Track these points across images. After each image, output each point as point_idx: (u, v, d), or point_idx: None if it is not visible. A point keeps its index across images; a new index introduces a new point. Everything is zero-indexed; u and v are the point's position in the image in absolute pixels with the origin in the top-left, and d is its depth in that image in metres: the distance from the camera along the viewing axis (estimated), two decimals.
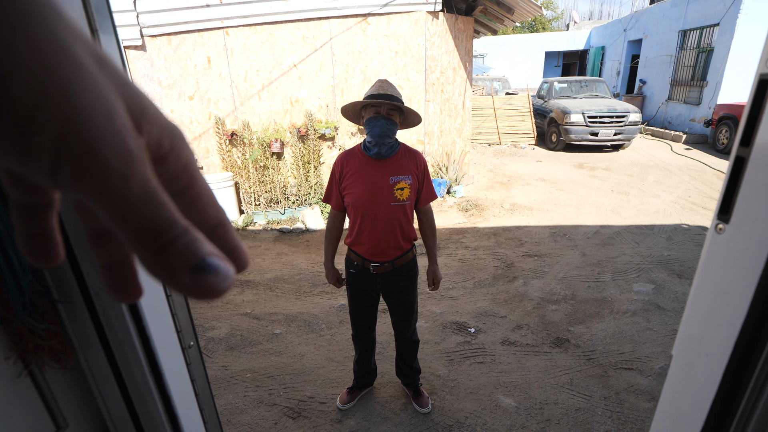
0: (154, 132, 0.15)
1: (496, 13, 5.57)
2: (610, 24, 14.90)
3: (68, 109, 0.12)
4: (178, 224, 0.14)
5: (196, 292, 0.14)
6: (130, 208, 0.13)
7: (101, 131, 0.13)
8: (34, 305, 0.51)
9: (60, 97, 0.12)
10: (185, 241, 0.14)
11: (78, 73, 0.13)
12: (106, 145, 0.13)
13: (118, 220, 0.13)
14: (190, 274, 0.14)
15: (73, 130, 0.12)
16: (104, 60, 0.14)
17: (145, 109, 0.15)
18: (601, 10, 27.97)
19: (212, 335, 2.78)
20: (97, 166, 0.13)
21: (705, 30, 9.38)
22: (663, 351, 2.48)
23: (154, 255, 0.14)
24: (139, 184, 0.13)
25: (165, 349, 0.66)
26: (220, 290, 0.14)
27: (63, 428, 0.60)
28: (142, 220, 0.13)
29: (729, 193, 0.57)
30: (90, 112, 0.13)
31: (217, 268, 0.14)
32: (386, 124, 1.63)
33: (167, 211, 0.14)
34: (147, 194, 0.14)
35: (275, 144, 4.76)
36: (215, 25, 4.46)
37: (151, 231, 0.14)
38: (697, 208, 4.96)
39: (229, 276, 0.15)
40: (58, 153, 0.12)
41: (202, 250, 0.14)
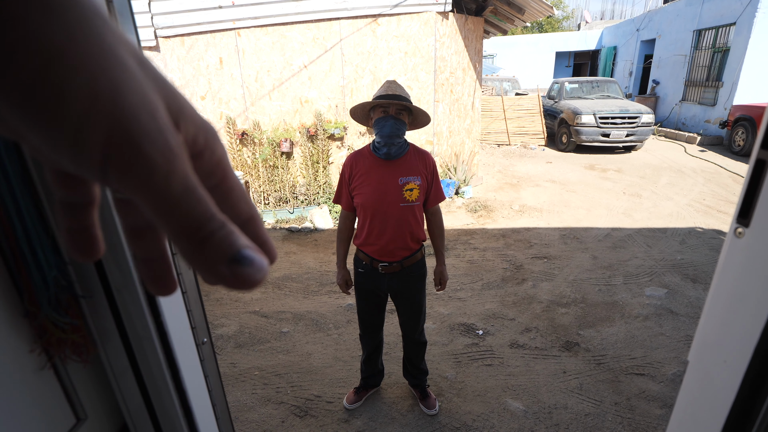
0: (191, 129, 0.16)
1: (507, 14, 5.53)
2: (622, 24, 14.69)
3: (116, 109, 0.13)
4: (216, 218, 0.15)
5: (233, 282, 0.15)
6: (172, 203, 0.14)
7: (146, 130, 0.14)
8: (59, 300, 0.52)
9: (109, 98, 0.13)
10: (223, 234, 0.15)
11: (124, 76, 0.14)
12: (150, 143, 0.14)
13: (160, 214, 0.14)
14: (227, 265, 0.14)
15: (121, 129, 0.13)
16: (145, 62, 0.15)
17: (183, 108, 0.16)
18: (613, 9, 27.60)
19: (221, 333, 2.81)
20: (142, 163, 0.13)
21: (721, 29, 9.19)
22: (676, 357, 2.44)
23: (194, 247, 0.14)
24: (180, 180, 0.14)
25: (181, 345, 0.68)
26: (256, 281, 0.15)
27: (83, 420, 0.61)
28: (182, 215, 0.14)
29: (749, 197, 0.56)
30: (135, 112, 0.14)
31: (252, 260, 0.15)
32: (395, 124, 1.64)
33: (206, 206, 0.15)
34: (187, 190, 0.14)
35: (285, 144, 4.80)
36: (227, 26, 4.51)
37: (191, 225, 0.14)
38: (712, 211, 4.87)
39: (264, 267, 0.15)
40: (107, 151, 0.13)
41: (238, 242, 0.15)
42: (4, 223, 0.47)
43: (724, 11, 8.93)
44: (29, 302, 0.49)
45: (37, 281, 0.49)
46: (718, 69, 9.22)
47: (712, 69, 9.44)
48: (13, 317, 0.51)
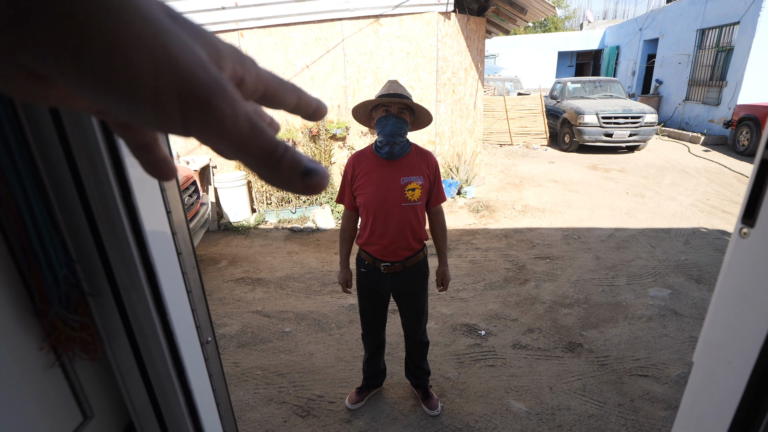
0: (229, 65, 0.18)
1: (509, 13, 5.52)
2: (625, 23, 14.64)
3: (176, 70, 0.15)
4: (280, 144, 0.17)
5: (308, 190, 0.18)
6: (245, 142, 0.16)
7: (206, 84, 0.15)
8: (68, 298, 0.53)
9: (167, 63, 0.14)
10: (290, 155, 0.17)
11: (170, 38, 0.15)
12: (213, 95, 0.15)
13: (238, 152, 0.17)
14: (300, 178, 0.17)
15: (187, 89, 0.15)
16: (176, 15, 0.17)
17: (218, 48, 0.18)
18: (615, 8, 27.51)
19: (223, 332, 2.82)
20: (214, 114, 0.15)
21: (724, 29, 9.15)
22: (680, 358, 2.43)
23: (271, 171, 0.17)
24: (245, 119, 0.16)
25: (186, 343, 0.68)
26: (324, 185, 0.18)
27: (89, 418, 0.61)
28: (255, 148, 0.17)
29: (754, 197, 0.56)
30: (191, 70, 0.15)
31: (317, 170, 0.18)
32: (397, 122, 1.64)
33: (270, 135, 0.17)
34: (252, 126, 0.16)
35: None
36: (230, 27, 4.52)
37: (263, 154, 0.17)
38: (716, 211, 4.84)
39: (326, 173, 0.18)
40: (184, 112, 0.15)
41: (303, 159, 0.18)
42: (16, 222, 0.48)
43: (727, 10, 8.89)
44: (40, 300, 0.50)
45: (48, 280, 0.49)
46: (722, 68, 9.17)
47: (716, 68, 9.39)
48: (22, 315, 0.51)
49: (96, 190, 0.55)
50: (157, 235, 0.61)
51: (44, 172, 0.53)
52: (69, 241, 0.55)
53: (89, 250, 0.57)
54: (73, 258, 0.54)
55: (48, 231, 0.49)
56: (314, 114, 0.22)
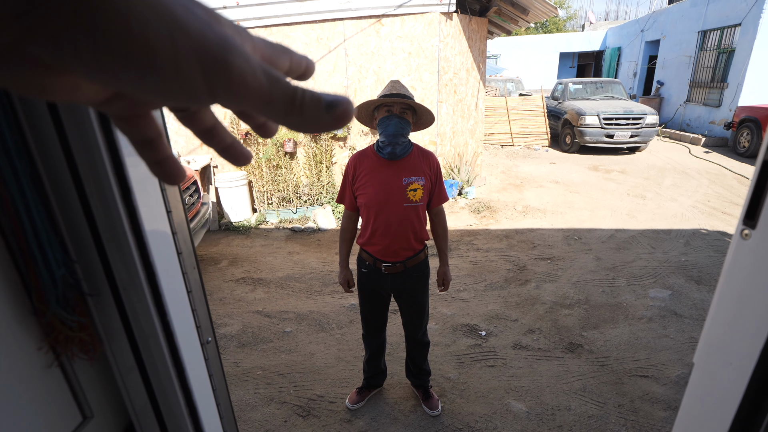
0: (229, 29, 0.18)
1: (511, 14, 5.52)
2: (626, 24, 14.62)
3: (190, 37, 0.15)
4: (297, 87, 0.17)
5: (337, 122, 0.18)
6: (267, 93, 0.16)
7: (219, 44, 0.15)
8: (67, 298, 0.53)
9: (181, 32, 0.14)
10: (309, 95, 0.17)
11: (173, 4, 0.15)
12: (229, 53, 0.15)
13: (264, 106, 0.16)
14: (326, 112, 0.17)
15: (204, 52, 0.15)
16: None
17: (216, 14, 0.17)
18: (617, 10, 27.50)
19: (224, 332, 2.82)
20: (235, 72, 0.15)
21: (726, 30, 9.13)
22: (680, 359, 2.43)
23: (299, 115, 0.17)
24: (262, 71, 0.16)
25: (186, 344, 0.68)
26: (351, 113, 0.18)
27: (89, 418, 0.61)
28: (279, 97, 0.17)
29: (756, 198, 0.56)
30: (202, 33, 0.15)
31: (338, 100, 0.18)
32: (400, 122, 1.63)
33: (286, 82, 0.17)
34: (269, 76, 0.16)
35: (288, 144, 4.81)
36: None
37: (288, 102, 0.17)
38: (717, 212, 4.83)
39: (349, 101, 0.18)
40: (206, 76, 0.15)
41: (320, 94, 0.17)
42: (13, 222, 0.48)
43: (729, 12, 8.87)
44: (38, 300, 0.50)
45: (46, 279, 0.49)
46: (723, 70, 9.16)
47: (717, 70, 9.37)
48: (21, 315, 0.51)
49: (96, 190, 0.55)
50: (158, 234, 0.61)
51: (43, 172, 0.53)
52: (69, 241, 0.55)
53: (89, 250, 0.57)
54: (73, 258, 0.54)
55: (46, 231, 0.49)
56: (305, 73, 0.22)
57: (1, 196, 0.47)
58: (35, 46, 0.14)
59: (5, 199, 0.47)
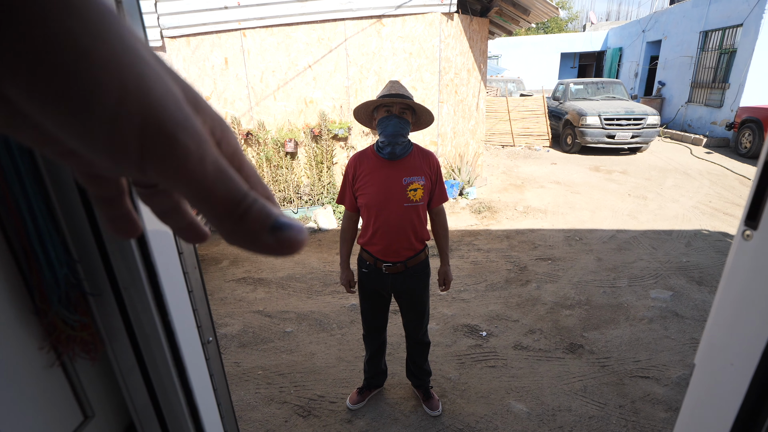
0: (207, 122, 0.17)
1: (512, 14, 5.52)
2: (628, 25, 14.61)
3: (145, 101, 0.14)
4: (249, 193, 0.16)
5: (280, 248, 0.16)
6: (209, 186, 0.15)
7: (175, 118, 0.14)
8: (68, 297, 0.53)
9: (137, 91, 0.13)
10: (259, 207, 0.15)
11: (147, 70, 0.14)
12: (182, 131, 0.14)
13: (199, 199, 0.15)
14: (270, 234, 0.15)
15: (153, 119, 0.14)
16: (159, 59, 0.16)
17: (198, 101, 0.17)
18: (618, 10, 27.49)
19: (225, 332, 2.82)
20: (177, 151, 0.14)
21: (728, 31, 9.12)
22: (681, 360, 2.42)
23: (236, 224, 0.15)
24: (212, 162, 0.15)
25: (187, 343, 0.68)
26: (299, 242, 0.16)
27: (90, 418, 0.62)
28: (220, 195, 0.15)
29: (757, 199, 0.56)
30: (163, 103, 0.14)
31: (290, 224, 0.16)
32: (399, 123, 1.64)
33: (238, 183, 0.15)
34: (220, 171, 0.15)
35: (289, 144, 4.81)
36: (233, 26, 4.53)
37: (229, 203, 0.15)
38: (718, 213, 4.82)
39: (303, 229, 0.16)
40: (143, 143, 0.14)
41: (273, 212, 0.16)
42: (16, 222, 0.48)
43: (731, 12, 8.86)
44: (40, 300, 0.50)
45: (48, 279, 0.49)
46: (725, 70, 9.14)
47: (719, 70, 9.36)
48: (23, 315, 0.52)
49: None
50: (158, 234, 0.61)
51: (45, 172, 0.53)
52: (70, 240, 0.56)
53: (90, 249, 0.57)
54: (75, 258, 0.55)
55: (48, 230, 0.49)
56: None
57: (3, 194, 0.47)
58: None
59: (7, 197, 0.47)
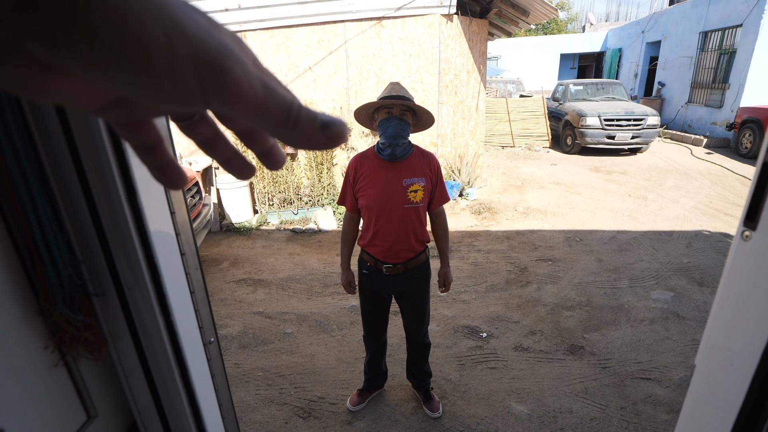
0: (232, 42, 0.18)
1: (511, 16, 5.53)
2: (627, 26, 14.63)
3: (187, 40, 0.14)
4: (295, 101, 0.17)
5: (331, 142, 0.18)
6: (262, 102, 0.16)
7: (217, 48, 0.15)
8: (73, 298, 0.53)
9: (179, 34, 0.14)
10: (306, 111, 0.17)
11: (175, 9, 0.15)
12: (226, 59, 0.15)
13: (258, 115, 0.16)
14: (321, 131, 0.17)
15: (201, 56, 0.15)
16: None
17: (220, 27, 0.17)
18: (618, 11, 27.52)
19: (225, 333, 2.83)
20: (231, 78, 0.15)
21: (727, 31, 9.13)
22: (682, 361, 2.42)
23: (292, 129, 0.17)
24: (258, 80, 0.16)
25: (189, 344, 0.68)
26: (344, 134, 0.18)
27: (93, 417, 0.62)
28: (273, 108, 0.16)
29: (756, 200, 0.56)
30: (201, 36, 0.15)
31: (334, 121, 0.18)
32: (399, 124, 1.64)
33: (284, 95, 0.17)
34: (266, 86, 0.16)
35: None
36: (233, 28, 4.54)
37: (282, 114, 0.17)
38: (719, 214, 4.82)
39: (343, 123, 0.18)
40: (201, 81, 0.15)
41: (317, 113, 0.18)
42: (21, 222, 0.48)
43: (730, 13, 8.87)
44: (44, 300, 0.50)
45: (53, 279, 0.50)
46: (725, 71, 9.15)
47: (719, 71, 9.37)
48: (28, 315, 0.52)
49: (102, 191, 0.56)
50: (161, 235, 0.62)
51: (51, 173, 0.54)
52: (75, 241, 0.56)
53: (95, 250, 0.58)
54: (79, 258, 0.55)
55: (53, 231, 0.50)
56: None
57: (9, 196, 0.48)
58: (32, 43, 0.14)
59: (13, 199, 0.48)
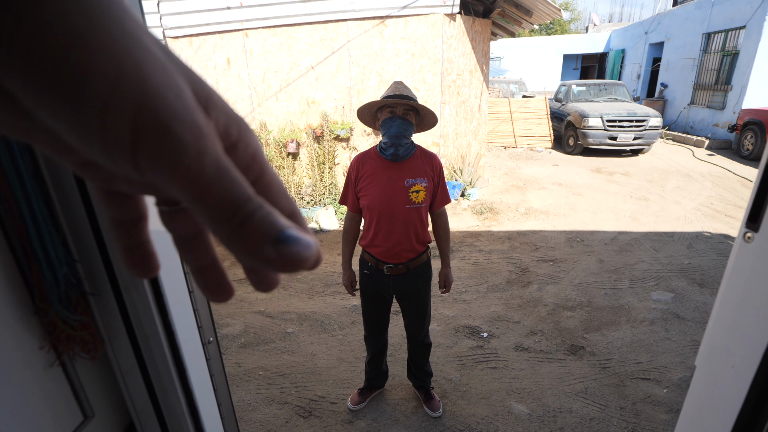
0: (221, 119, 0.15)
1: (514, 16, 5.52)
2: (630, 26, 14.59)
3: (141, 88, 0.13)
4: (253, 199, 0.14)
5: (281, 263, 0.14)
6: (206, 185, 0.13)
7: (173, 109, 0.13)
8: (69, 297, 0.53)
9: (133, 77, 0.13)
10: (263, 214, 0.14)
11: (147, 57, 0.13)
12: (178, 122, 0.13)
13: (195, 198, 0.13)
14: (272, 246, 0.14)
15: (147, 108, 0.13)
16: (168, 51, 0.15)
17: (211, 97, 0.15)
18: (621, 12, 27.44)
19: (226, 332, 2.83)
20: (172, 143, 0.13)
21: (730, 33, 9.10)
22: (682, 362, 2.41)
23: (234, 231, 0.14)
24: (212, 159, 0.13)
25: (187, 344, 0.68)
26: (305, 259, 0.14)
27: (90, 418, 0.62)
28: (218, 196, 0.13)
29: (759, 202, 0.56)
30: (161, 91, 0.13)
31: (297, 238, 0.14)
32: (402, 124, 1.64)
33: (241, 187, 0.14)
34: (221, 169, 0.14)
35: (291, 144, 4.82)
36: (235, 27, 4.55)
37: (228, 206, 0.13)
38: (720, 215, 4.81)
39: (311, 245, 0.14)
40: (135, 133, 0.13)
41: (280, 222, 0.14)
42: (16, 221, 0.48)
43: (733, 14, 8.84)
44: (40, 299, 0.50)
45: (48, 278, 0.49)
46: (728, 72, 9.12)
47: (721, 72, 9.33)
48: (23, 314, 0.52)
49: None
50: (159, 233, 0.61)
51: (46, 171, 0.54)
52: (71, 240, 0.56)
53: (91, 249, 0.58)
54: (74, 257, 0.55)
55: (48, 230, 0.49)
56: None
57: (3, 194, 0.47)
58: None
59: (8, 197, 0.47)
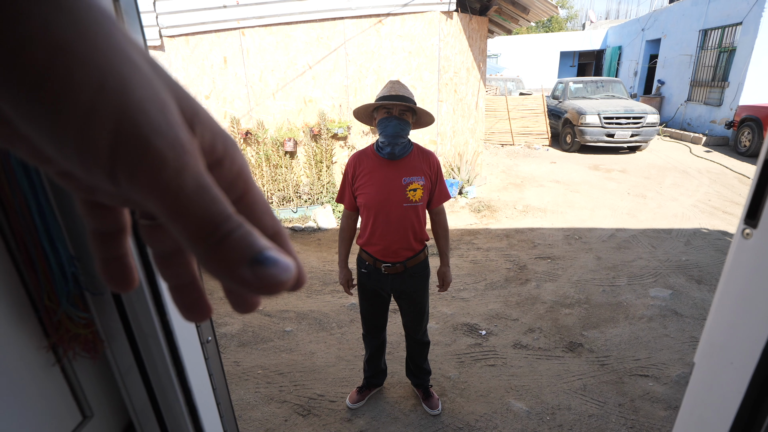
0: (207, 135, 0.15)
1: (511, 13, 5.51)
2: (627, 23, 14.60)
3: (123, 102, 0.13)
4: (232, 218, 0.14)
5: (258, 285, 0.13)
6: (185, 202, 0.13)
7: (155, 124, 0.13)
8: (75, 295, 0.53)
9: (116, 91, 0.13)
10: (241, 234, 0.13)
11: (132, 71, 0.13)
12: (159, 137, 0.13)
13: (172, 215, 0.13)
14: (249, 267, 0.13)
15: (128, 122, 0.13)
16: (155, 65, 0.15)
17: (197, 112, 0.15)
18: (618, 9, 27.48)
19: (224, 331, 2.82)
20: (151, 158, 0.13)
21: (727, 29, 9.12)
22: (680, 358, 2.43)
23: (211, 250, 0.13)
24: (193, 177, 0.13)
25: (186, 343, 0.68)
26: (282, 282, 0.14)
27: (89, 417, 0.61)
28: (196, 214, 0.13)
29: (757, 198, 0.56)
30: (144, 106, 0.13)
31: (276, 260, 0.14)
32: (399, 124, 1.63)
33: (221, 205, 0.14)
34: (200, 187, 0.13)
35: (288, 143, 4.80)
36: (232, 25, 4.52)
37: (206, 225, 0.13)
38: (718, 212, 4.83)
39: (290, 268, 0.14)
40: (114, 146, 0.12)
41: (258, 243, 0.14)
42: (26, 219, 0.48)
43: (730, 11, 8.86)
44: (49, 298, 0.50)
45: (58, 277, 0.49)
46: (724, 69, 9.14)
47: (718, 69, 9.36)
48: (22, 314, 0.51)
49: None
50: None
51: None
52: (68, 238, 0.55)
53: (88, 247, 0.57)
54: (72, 254, 0.54)
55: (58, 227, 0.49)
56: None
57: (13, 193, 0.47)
58: None
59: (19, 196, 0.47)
